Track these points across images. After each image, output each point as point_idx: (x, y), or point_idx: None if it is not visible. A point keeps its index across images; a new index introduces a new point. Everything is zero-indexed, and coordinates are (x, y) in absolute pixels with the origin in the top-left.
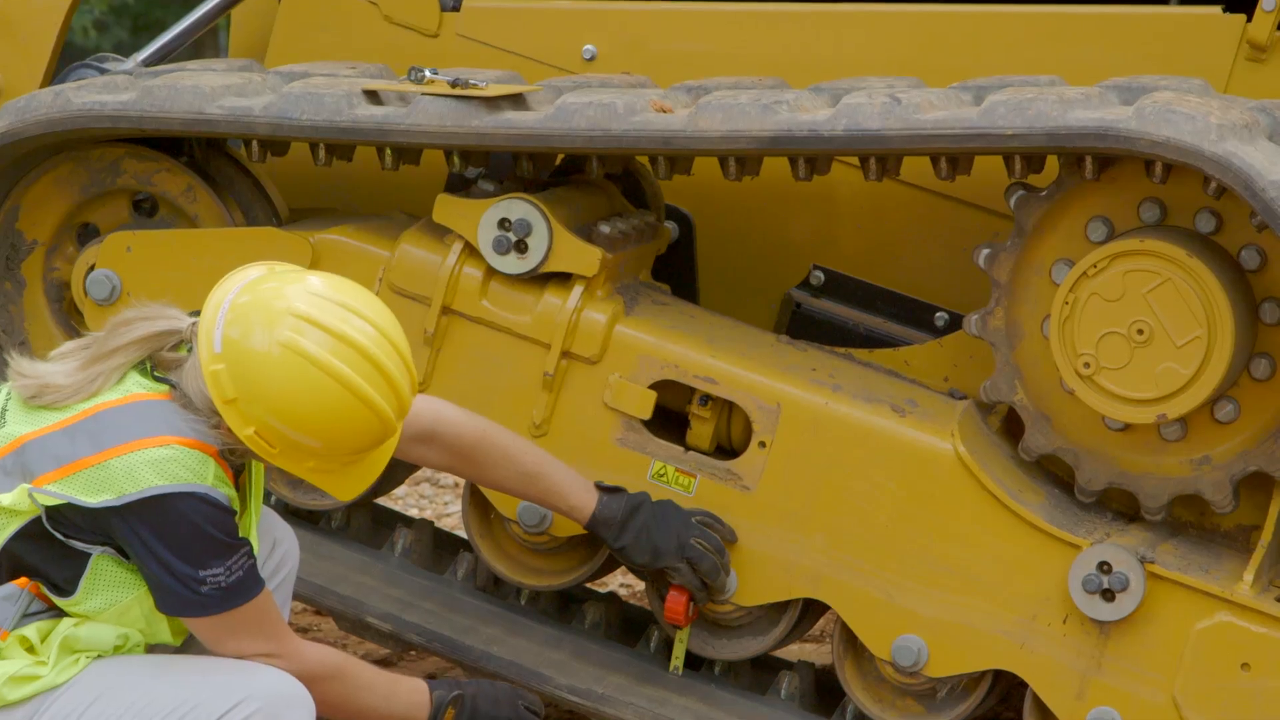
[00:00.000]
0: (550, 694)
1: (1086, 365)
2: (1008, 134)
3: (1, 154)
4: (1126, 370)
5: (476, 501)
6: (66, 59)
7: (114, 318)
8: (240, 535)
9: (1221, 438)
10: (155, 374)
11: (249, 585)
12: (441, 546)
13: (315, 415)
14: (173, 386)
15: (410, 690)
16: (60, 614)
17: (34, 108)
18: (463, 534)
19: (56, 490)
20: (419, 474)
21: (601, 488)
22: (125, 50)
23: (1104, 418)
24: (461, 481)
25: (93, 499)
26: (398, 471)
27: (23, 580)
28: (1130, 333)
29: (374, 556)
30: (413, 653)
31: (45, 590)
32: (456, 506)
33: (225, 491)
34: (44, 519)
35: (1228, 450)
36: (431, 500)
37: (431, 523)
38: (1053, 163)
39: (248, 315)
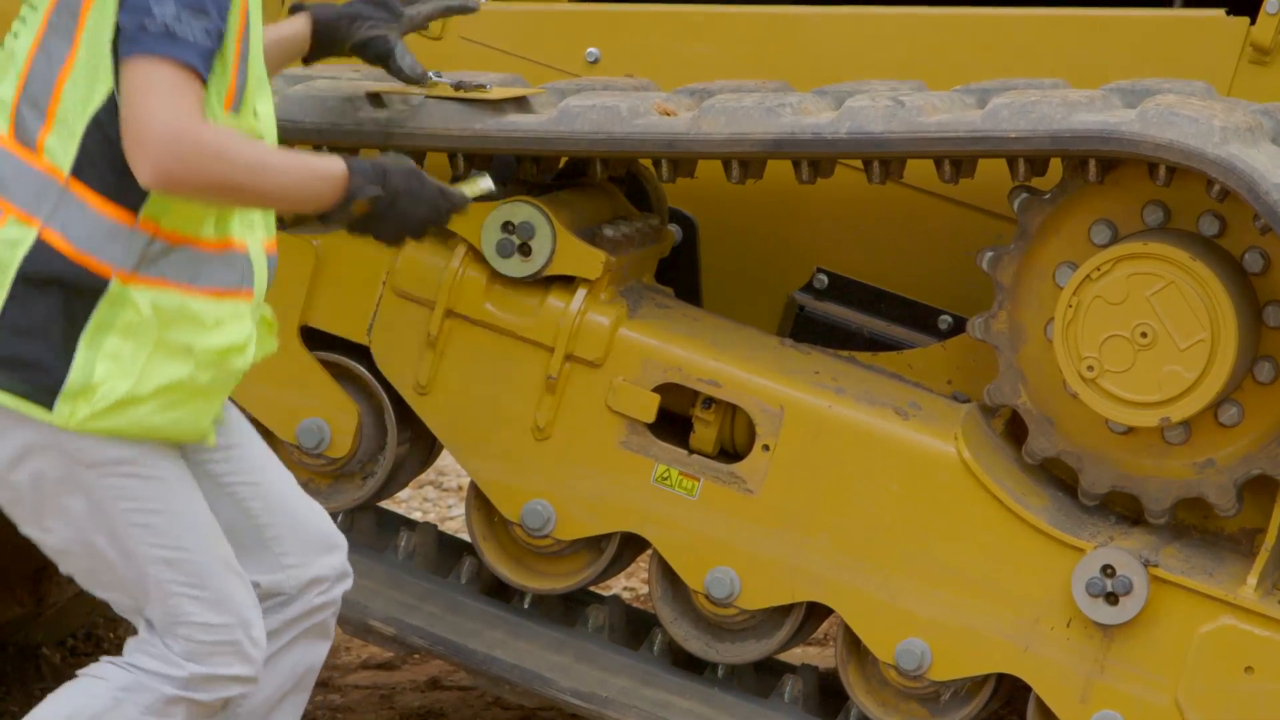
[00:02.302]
0: (554, 697)
1: (1090, 368)
2: (1011, 137)
3: None
4: (1130, 373)
5: (480, 505)
6: None
7: None
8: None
9: (1225, 441)
10: None
11: (194, 45)
12: (445, 550)
13: None
14: None
15: (324, 165)
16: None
17: None
18: (466, 537)
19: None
20: (423, 477)
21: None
22: None
23: (1107, 421)
24: (465, 485)
25: None
26: (401, 474)
27: (126, 216)
28: (1134, 336)
29: (377, 559)
30: (416, 656)
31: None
32: (460, 510)
33: None
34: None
35: (1231, 454)
36: (435, 504)
37: (435, 526)
38: (1056, 166)
39: None
